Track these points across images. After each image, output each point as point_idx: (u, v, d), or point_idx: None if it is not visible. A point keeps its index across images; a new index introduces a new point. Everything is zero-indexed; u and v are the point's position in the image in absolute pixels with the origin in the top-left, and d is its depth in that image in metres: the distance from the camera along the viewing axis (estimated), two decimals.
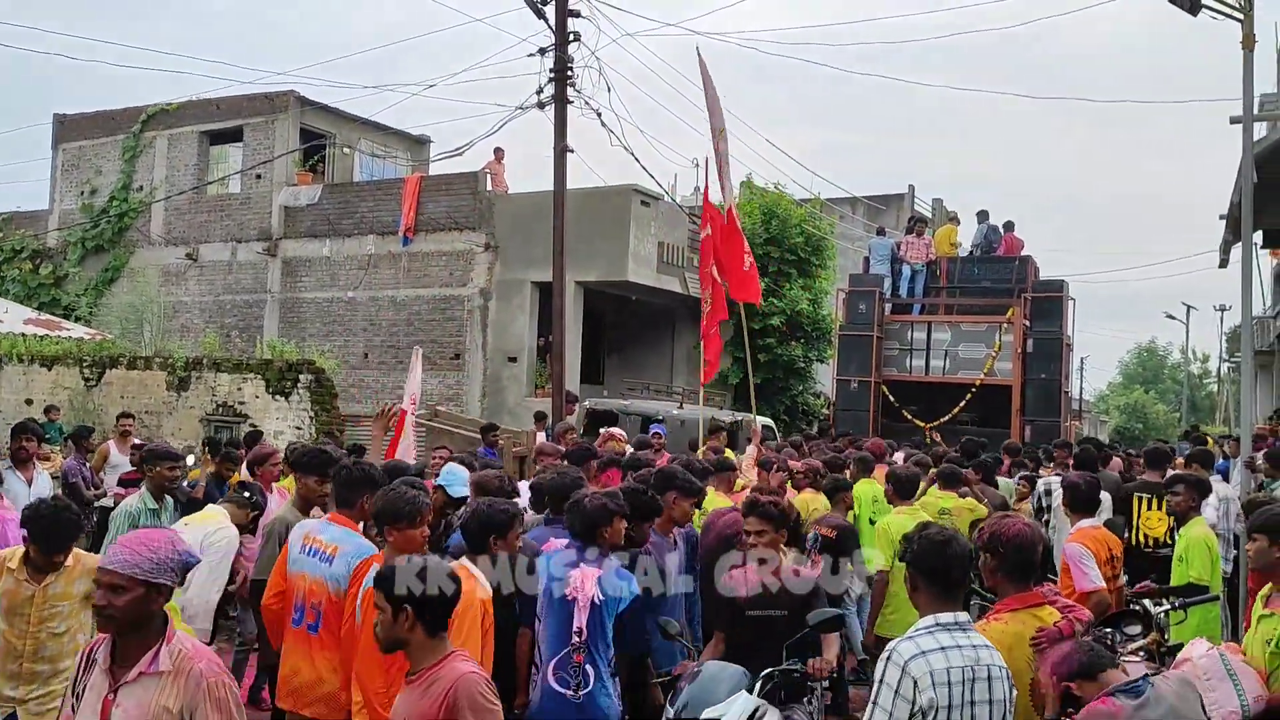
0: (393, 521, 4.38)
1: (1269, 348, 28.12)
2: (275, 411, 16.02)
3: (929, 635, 3.25)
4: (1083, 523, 6.44)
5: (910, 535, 3.58)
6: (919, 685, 3.12)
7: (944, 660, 3.17)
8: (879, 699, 3.18)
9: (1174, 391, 71.67)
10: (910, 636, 3.26)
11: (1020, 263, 18.47)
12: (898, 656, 3.19)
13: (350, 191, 22.81)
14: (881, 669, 3.22)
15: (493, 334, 20.49)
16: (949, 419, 17.04)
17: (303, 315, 22.50)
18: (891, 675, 3.17)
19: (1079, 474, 8.05)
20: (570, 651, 4.54)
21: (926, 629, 3.27)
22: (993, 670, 3.25)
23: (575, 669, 4.52)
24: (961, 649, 3.23)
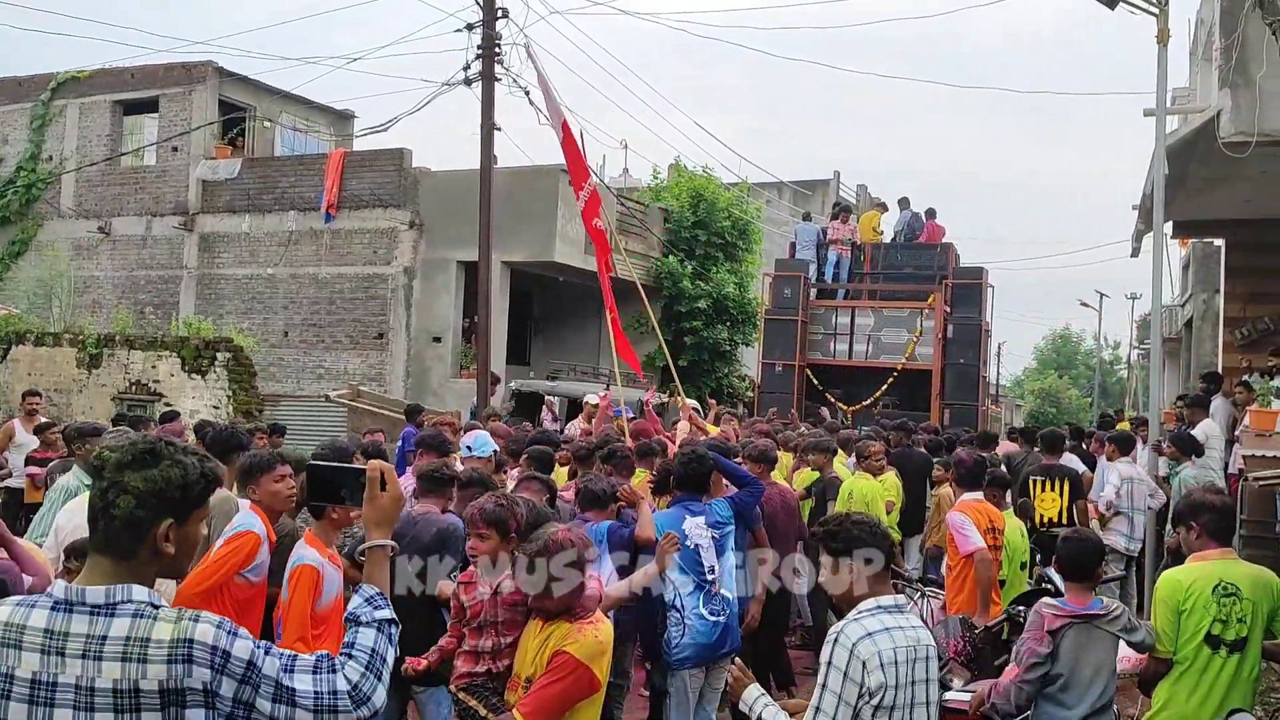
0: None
1: (1176, 335, 29.05)
2: (191, 390, 15.64)
3: (873, 617, 3.28)
4: (966, 496, 6.88)
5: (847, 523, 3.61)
6: (867, 667, 3.16)
7: (889, 641, 3.23)
8: (828, 681, 3.21)
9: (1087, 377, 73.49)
10: (856, 618, 3.28)
11: (942, 250, 18.82)
12: (845, 639, 3.21)
13: (271, 166, 22.29)
14: (829, 651, 3.24)
15: (417, 314, 20.23)
16: (871, 402, 17.29)
17: (220, 292, 21.97)
18: (840, 658, 3.19)
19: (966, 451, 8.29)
20: (709, 586, 5.53)
21: (870, 611, 3.30)
22: (930, 650, 3.39)
23: (719, 599, 5.56)
24: (904, 630, 3.30)
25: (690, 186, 22.64)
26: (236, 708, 2.12)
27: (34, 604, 2.15)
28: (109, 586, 2.14)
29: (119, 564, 2.17)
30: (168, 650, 2.08)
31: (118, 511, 2.15)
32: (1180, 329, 27.95)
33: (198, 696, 2.09)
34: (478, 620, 4.20)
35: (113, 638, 2.09)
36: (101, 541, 2.18)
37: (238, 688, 2.11)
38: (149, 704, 2.07)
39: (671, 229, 22.23)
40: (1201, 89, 14.08)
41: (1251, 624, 4.42)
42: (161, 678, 2.07)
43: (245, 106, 23.45)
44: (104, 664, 2.07)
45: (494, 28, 14.19)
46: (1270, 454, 10.70)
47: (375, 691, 2.24)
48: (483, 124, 14.26)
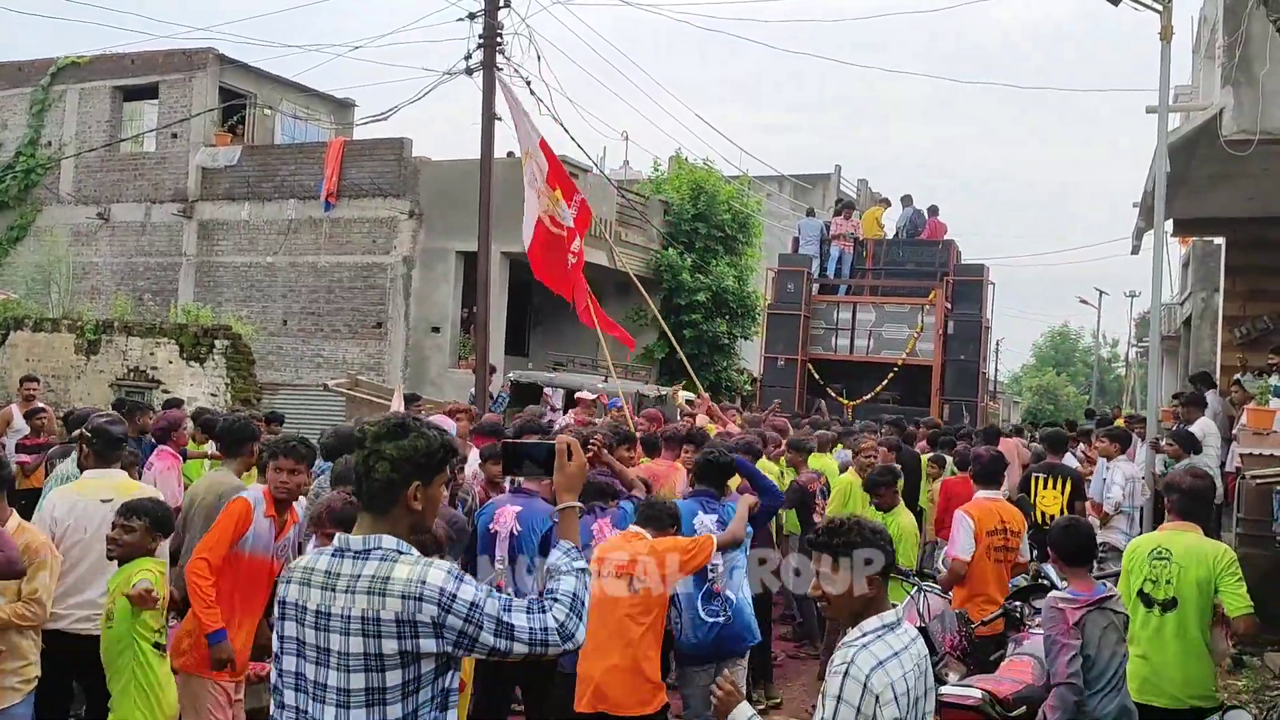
0: None
1: (1175, 333, 29.05)
2: (190, 377, 15.63)
3: (880, 640, 3.03)
4: (980, 493, 6.81)
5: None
6: (880, 700, 2.93)
7: (899, 668, 3.00)
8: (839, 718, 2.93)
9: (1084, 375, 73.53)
10: (864, 644, 3.01)
11: (943, 246, 18.89)
12: (857, 671, 2.94)
13: (271, 154, 22.25)
14: (839, 684, 2.95)
15: (416, 303, 20.21)
16: (871, 397, 17.33)
17: (219, 280, 21.94)
18: (852, 692, 2.93)
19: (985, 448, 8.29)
20: (709, 585, 5.32)
21: (876, 632, 3.05)
22: (927, 659, 3.23)
23: (720, 599, 5.37)
24: (909, 649, 3.08)
25: (691, 179, 22.61)
26: (462, 639, 2.53)
27: (323, 552, 2.65)
28: (365, 535, 2.60)
29: (377, 518, 2.63)
30: (402, 588, 2.50)
31: (377, 475, 2.61)
32: (1179, 327, 27.96)
33: (428, 628, 2.50)
34: None
35: (364, 576, 2.54)
36: (365, 500, 2.66)
37: (463, 624, 2.51)
38: (388, 632, 2.49)
39: (671, 221, 22.21)
40: (1204, 86, 14.05)
41: (1180, 586, 4.85)
42: (397, 610, 2.49)
43: (245, 94, 23.39)
44: (356, 597, 2.52)
45: (496, 17, 14.13)
46: (1267, 452, 10.70)
47: (578, 629, 2.64)
48: (483, 114, 14.21)
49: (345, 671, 2.52)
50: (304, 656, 2.59)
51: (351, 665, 2.52)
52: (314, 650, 2.57)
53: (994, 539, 6.62)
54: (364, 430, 2.68)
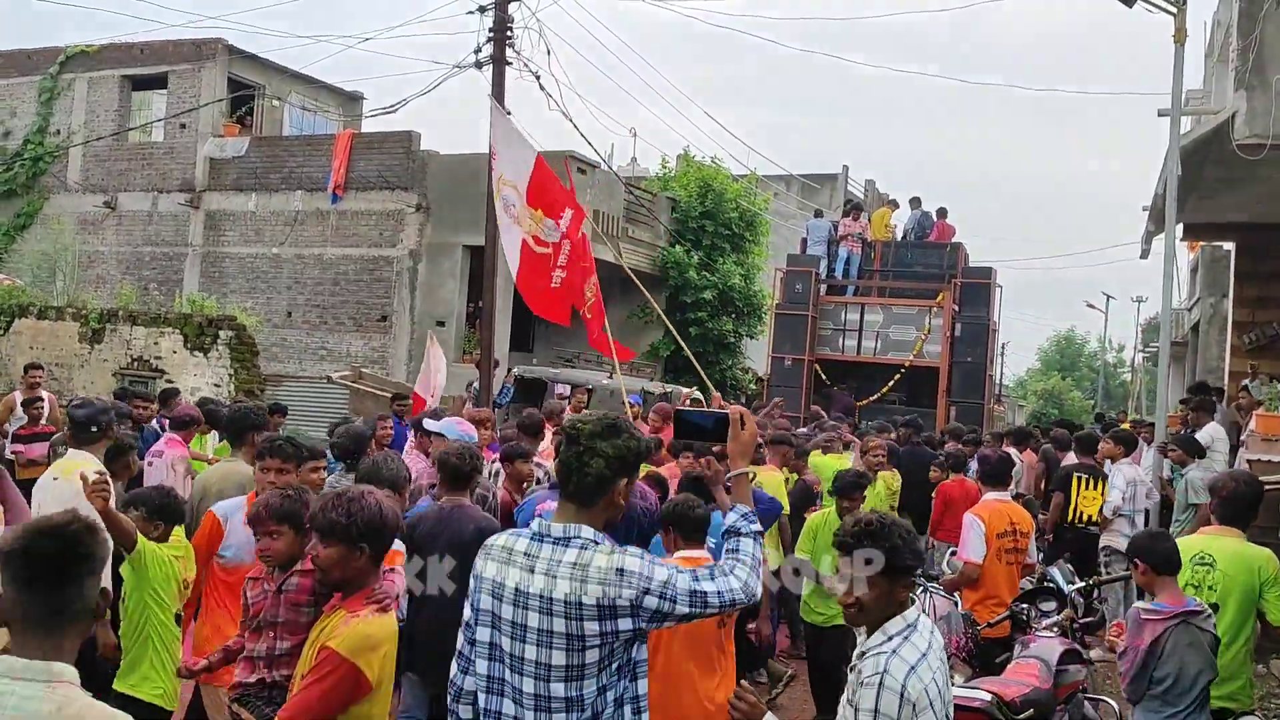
0: None
1: (1183, 339, 28.94)
2: (193, 368, 15.60)
3: (907, 642, 2.90)
4: (989, 495, 6.84)
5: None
6: (918, 708, 2.80)
7: (929, 671, 2.88)
8: None
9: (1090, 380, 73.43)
10: (894, 650, 2.88)
11: (951, 249, 18.89)
12: (892, 681, 2.80)
13: (279, 145, 22.22)
14: (874, 697, 2.80)
15: (421, 297, 20.18)
16: (878, 398, 17.31)
17: (225, 271, 21.92)
18: (889, 704, 2.79)
19: (991, 449, 8.32)
20: None
21: (901, 633, 2.93)
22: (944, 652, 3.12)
23: None
24: (932, 646, 2.96)
25: (699, 176, 22.55)
26: (657, 615, 2.72)
27: (520, 534, 2.86)
28: (566, 524, 2.79)
29: (580, 509, 2.82)
30: (601, 575, 2.69)
31: (591, 470, 2.80)
32: (1186, 333, 27.85)
33: (626, 610, 2.69)
34: (257, 620, 3.74)
35: (564, 562, 2.73)
36: (572, 491, 2.83)
37: (659, 602, 2.71)
38: (589, 615, 2.68)
39: (679, 219, 22.15)
40: (1216, 91, 13.96)
41: (1224, 593, 4.79)
42: (598, 596, 2.68)
43: (254, 85, 23.38)
44: (558, 581, 2.70)
45: (506, 10, 14.08)
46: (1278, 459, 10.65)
47: (757, 585, 2.88)
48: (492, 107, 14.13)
49: (546, 648, 2.71)
50: (499, 629, 2.79)
51: (553, 643, 2.71)
52: (509, 625, 2.77)
53: (1004, 541, 6.65)
54: (578, 428, 2.86)
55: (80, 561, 2.13)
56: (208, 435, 8.45)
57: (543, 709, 2.72)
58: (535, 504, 5.80)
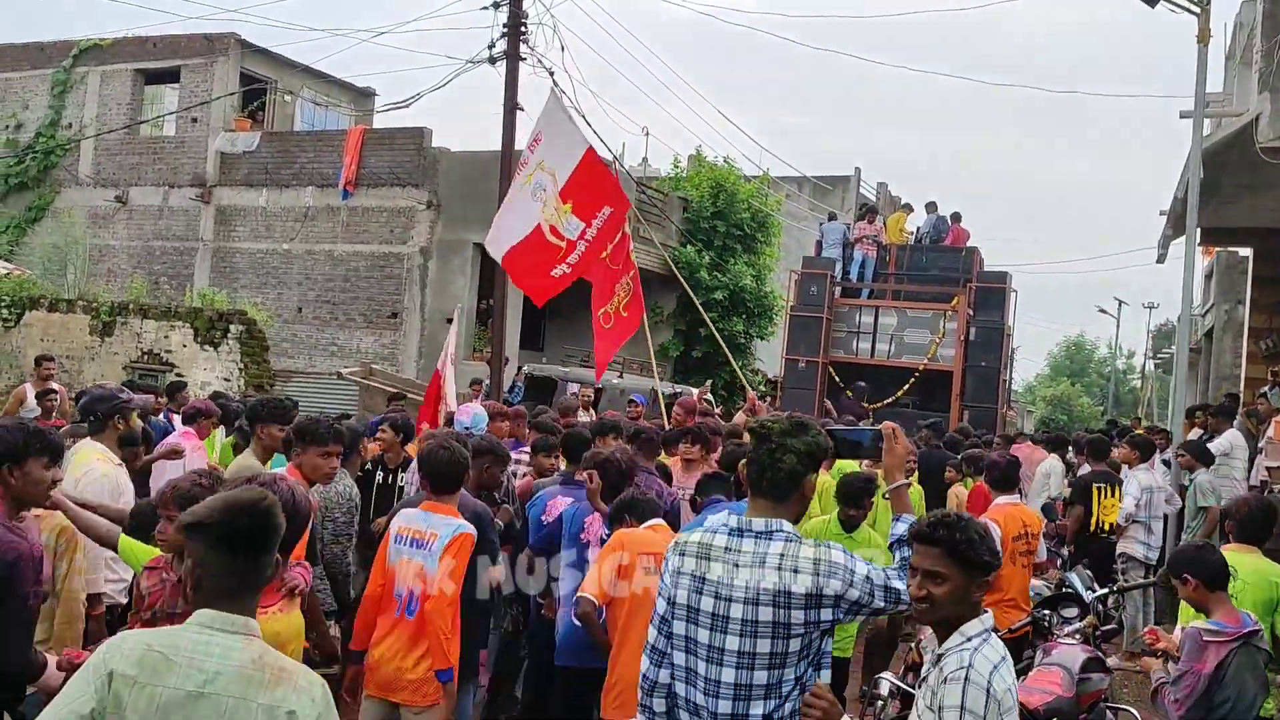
0: None
1: (1196, 345, 28.76)
2: (203, 361, 15.55)
3: (988, 644, 2.80)
4: (1000, 499, 6.84)
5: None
6: (1003, 706, 2.70)
7: (1009, 672, 2.80)
8: None
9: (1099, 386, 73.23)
10: (976, 647, 2.76)
11: (966, 253, 18.81)
12: (978, 676, 2.69)
13: (290, 141, 22.18)
14: (959, 692, 2.68)
15: (431, 294, 20.10)
16: (891, 401, 17.21)
17: (235, 266, 21.88)
18: (976, 700, 2.66)
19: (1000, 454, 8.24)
20: None
21: (981, 637, 2.81)
22: None
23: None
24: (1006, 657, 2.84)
25: (711, 177, 22.44)
26: (855, 607, 2.89)
27: (716, 529, 2.99)
28: (767, 519, 2.94)
29: (775, 504, 2.98)
30: (811, 567, 2.86)
31: (784, 466, 2.95)
32: (1200, 339, 27.69)
33: (830, 600, 2.85)
34: (151, 611, 3.41)
35: (770, 554, 2.89)
36: (766, 487, 2.99)
37: (859, 594, 2.88)
38: (797, 604, 2.84)
39: (690, 219, 22.05)
40: (1238, 94, 13.81)
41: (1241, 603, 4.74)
42: (808, 585, 2.84)
43: (266, 80, 23.33)
44: (766, 572, 2.86)
45: (520, 6, 14.01)
46: None
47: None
48: (505, 103, 14.08)
49: (750, 637, 2.86)
50: (697, 623, 2.92)
51: (759, 632, 2.86)
52: (709, 617, 2.90)
53: (1018, 544, 6.66)
54: (768, 427, 3.01)
55: (272, 534, 2.44)
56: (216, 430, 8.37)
57: (742, 697, 2.87)
58: (547, 499, 5.76)
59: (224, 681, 2.25)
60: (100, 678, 2.23)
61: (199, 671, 2.25)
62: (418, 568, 4.46)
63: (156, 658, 2.25)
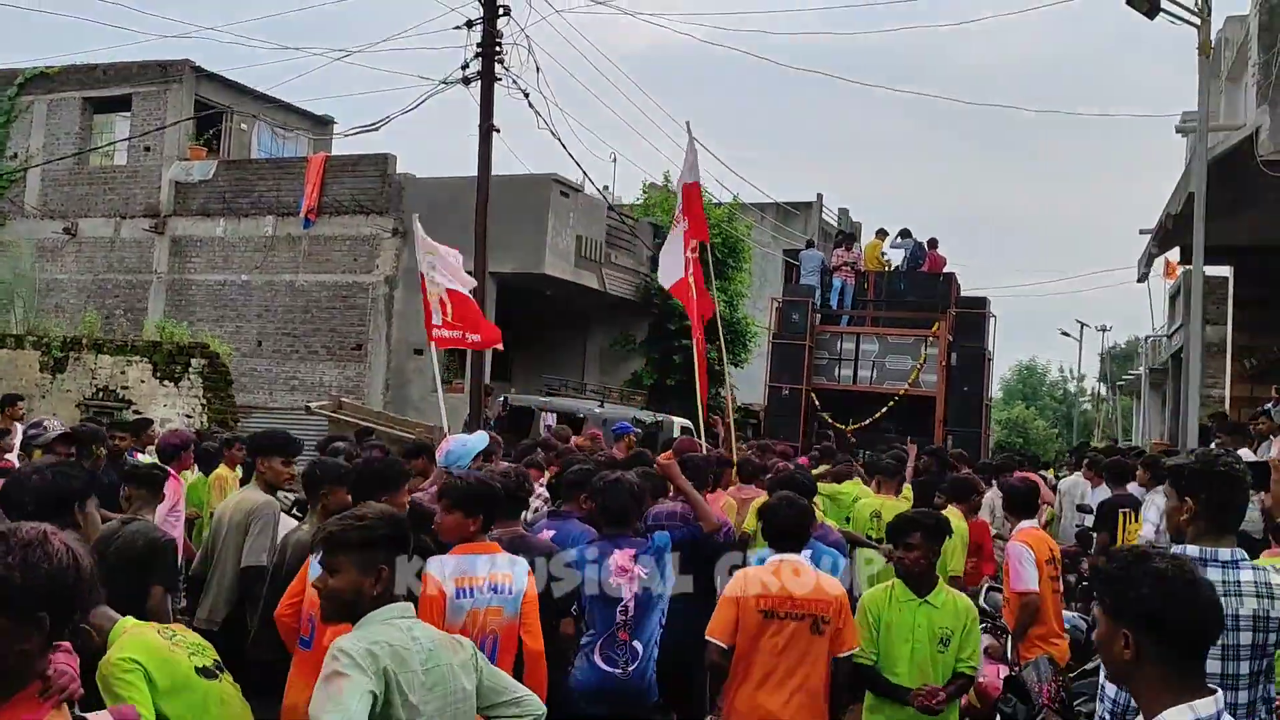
0: None
1: (1162, 366, 28.93)
2: (163, 397, 14.81)
3: None
4: (1024, 524, 6.49)
5: None
6: None
7: None
8: None
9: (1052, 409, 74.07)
10: None
11: (944, 279, 18.84)
12: None
13: (248, 169, 21.52)
14: None
15: (398, 324, 19.49)
16: (870, 424, 17.01)
17: (191, 298, 21.11)
18: None
19: (1018, 478, 7.90)
20: (615, 630, 4.58)
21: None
22: None
23: (622, 646, 4.58)
24: None
25: None
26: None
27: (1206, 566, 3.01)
28: (1231, 549, 3.07)
29: (1225, 535, 3.17)
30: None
31: (1239, 502, 3.23)
32: (1165, 359, 27.87)
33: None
34: None
35: (1244, 582, 3.05)
36: (1232, 522, 3.20)
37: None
38: (1274, 626, 3.02)
39: (661, 244, 21.65)
40: (1226, 109, 13.72)
41: None
42: (1268, 609, 3.02)
43: (222, 107, 22.66)
44: (1244, 600, 3.01)
45: (495, 24, 13.59)
46: None
47: None
48: (481, 125, 13.64)
49: (1233, 660, 2.99)
50: None
51: (1240, 655, 2.99)
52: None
53: (1050, 569, 6.31)
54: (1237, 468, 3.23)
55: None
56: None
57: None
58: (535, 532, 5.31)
59: None
60: None
61: None
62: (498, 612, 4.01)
63: None
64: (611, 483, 4.79)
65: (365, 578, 2.78)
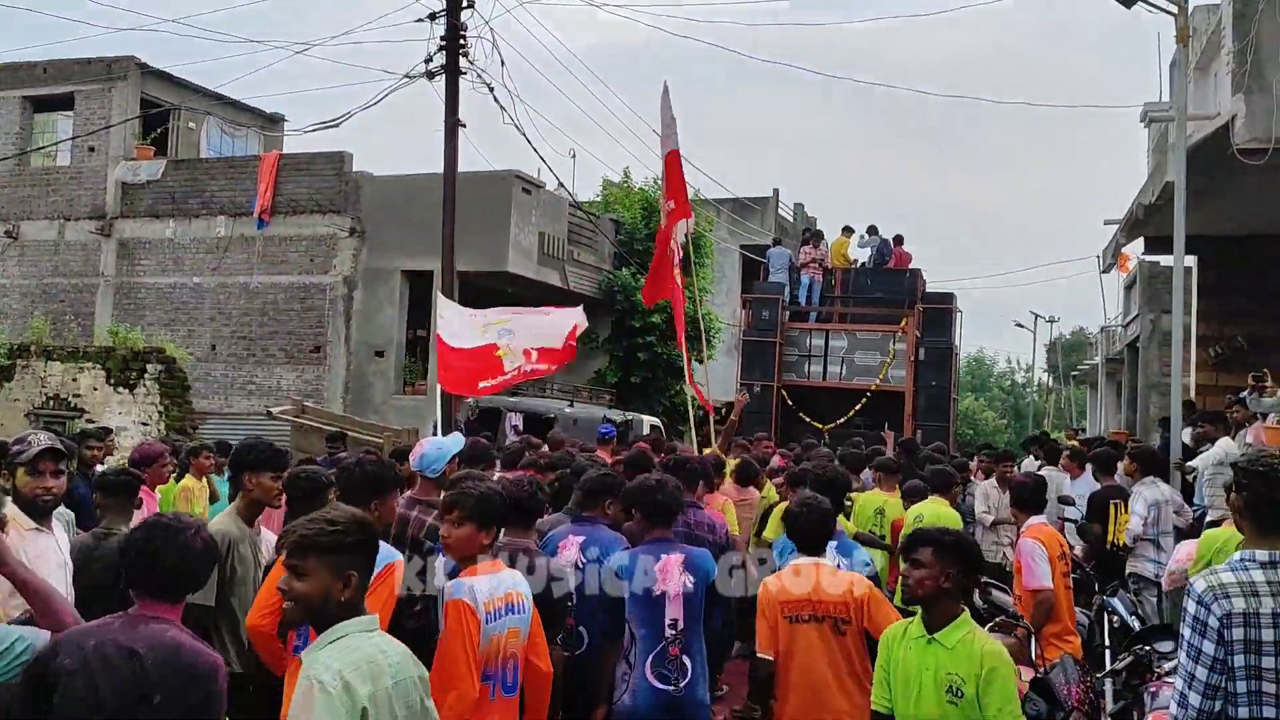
0: None
1: (1117, 355, 29.26)
2: (118, 405, 14.29)
3: None
4: (1033, 519, 6.35)
5: None
6: None
7: None
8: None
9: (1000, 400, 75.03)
10: None
11: (910, 275, 18.92)
12: None
13: (198, 168, 20.92)
14: None
15: (357, 326, 19.05)
16: (844, 422, 16.96)
17: (141, 302, 20.48)
18: None
19: (1026, 474, 7.81)
20: (665, 646, 4.39)
21: None
22: None
23: (673, 662, 4.39)
24: None
25: (642, 198, 21.89)
26: None
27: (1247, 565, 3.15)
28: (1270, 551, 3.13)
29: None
30: None
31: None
32: (1121, 349, 28.17)
33: None
34: None
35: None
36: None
37: None
38: None
39: (623, 241, 21.44)
40: (1195, 99, 13.74)
41: None
42: None
43: (169, 105, 22.01)
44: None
45: (458, 17, 13.25)
46: None
47: None
48: (446, 120, 13.28)
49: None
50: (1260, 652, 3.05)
51: None
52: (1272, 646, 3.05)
53: (1062, 564, 6.21)
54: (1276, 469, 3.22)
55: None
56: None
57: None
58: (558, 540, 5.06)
59: None
60: None
61: None
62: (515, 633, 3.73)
63: None
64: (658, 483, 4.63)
65: (335, 582, 2.73)
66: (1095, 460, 9.46)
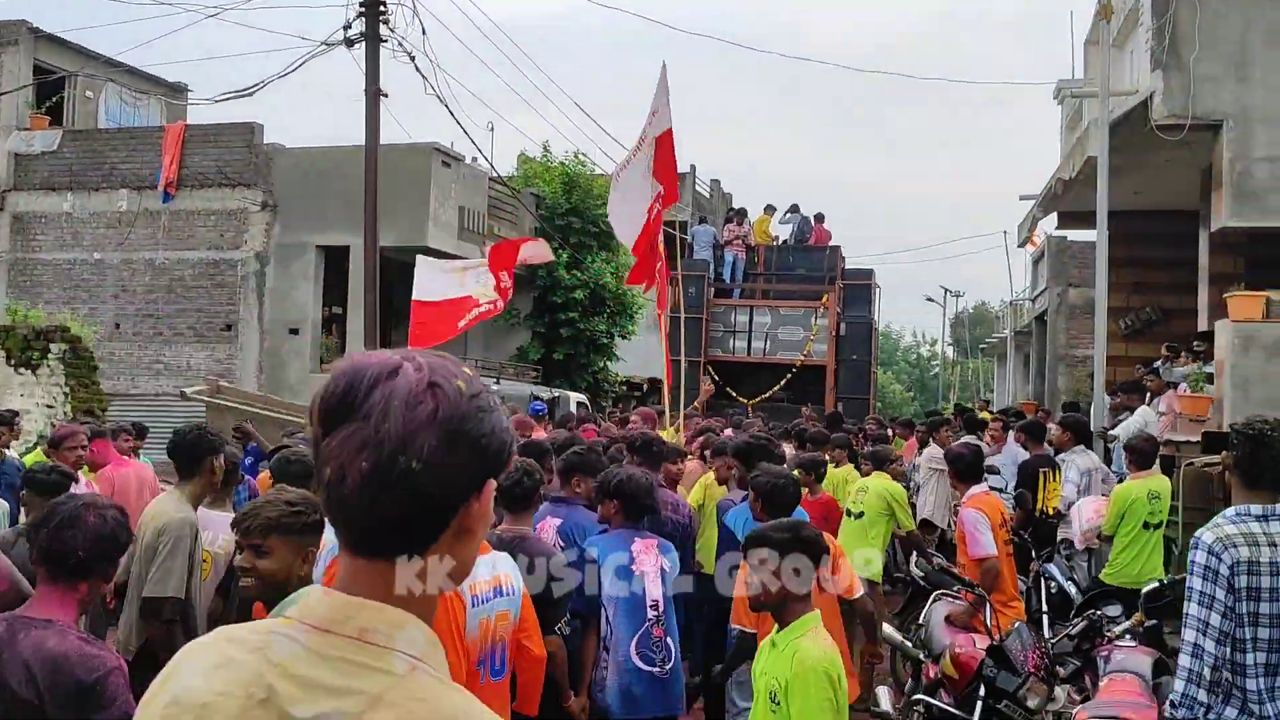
0: None
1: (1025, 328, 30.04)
2: (20, 387, 13.61)
3: None
4: (973, 489, 6.41)
5: None
6: None
7: None
8: None
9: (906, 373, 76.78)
10: None
11: (830, 252, 19.18)
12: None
13: (98, 139, 20.04)
14: None
15: (271, 303, 18.48)
16: (768, 396, 17.11)
17: (38, 279, 19.57)
18: None
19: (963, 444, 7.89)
20: (649, 627, 4.37)
21: None
22: None
23: (658, 643, 4.37)
24: None
25: (562, 172, 21.65)
26: None
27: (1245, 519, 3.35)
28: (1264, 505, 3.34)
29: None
30: None
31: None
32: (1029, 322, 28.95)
33: None
34: None
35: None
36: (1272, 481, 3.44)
37: None
38: None
39: (545, 215, 21.18)
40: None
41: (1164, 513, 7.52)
42: None
43: (65, 72, 21.00)
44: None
45: None
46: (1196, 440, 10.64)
47: None
48: (367, 89, 12.90)
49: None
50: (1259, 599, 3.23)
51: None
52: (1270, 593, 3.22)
53: (1003, 532, 6.31)
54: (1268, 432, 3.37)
55: None
56: None
57: None
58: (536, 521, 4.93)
59: None
60: None
61: None
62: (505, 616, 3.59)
63: None
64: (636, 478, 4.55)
65: (296, 559, 3.00)
66: (1026, 430, 9.63)
